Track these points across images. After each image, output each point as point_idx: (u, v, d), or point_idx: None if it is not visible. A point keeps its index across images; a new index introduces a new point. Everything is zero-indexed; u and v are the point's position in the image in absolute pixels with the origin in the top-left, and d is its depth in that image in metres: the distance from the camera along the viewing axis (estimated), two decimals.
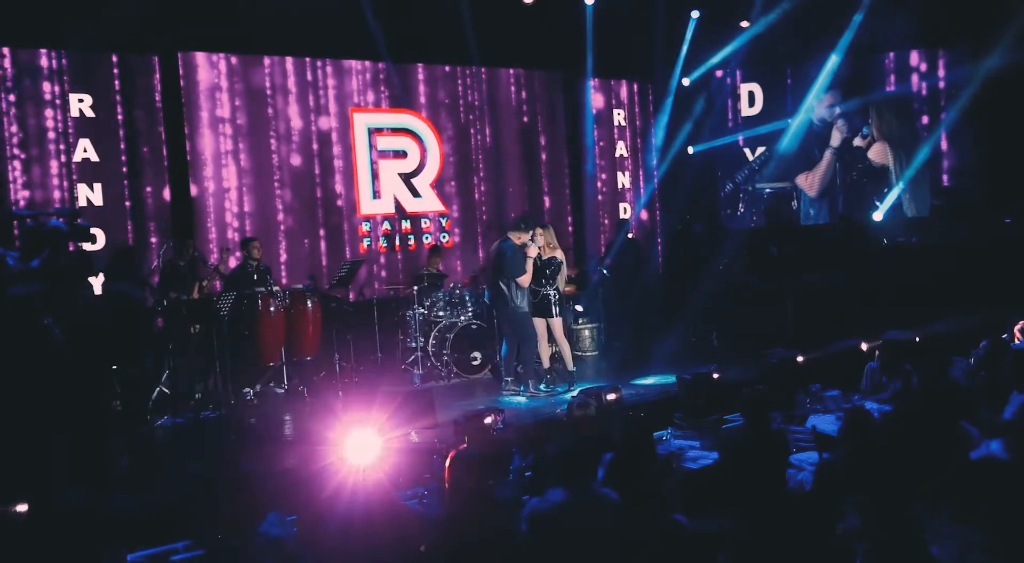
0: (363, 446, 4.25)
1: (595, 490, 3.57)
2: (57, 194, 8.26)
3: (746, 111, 12.34)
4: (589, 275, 10.76)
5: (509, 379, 7.68)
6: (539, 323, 7.74)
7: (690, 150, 12.25)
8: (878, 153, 11.88)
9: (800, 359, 7.04)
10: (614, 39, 11.02)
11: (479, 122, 10.84)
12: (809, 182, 11.97)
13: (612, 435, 4.51)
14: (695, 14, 11.38)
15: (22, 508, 4.24)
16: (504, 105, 11.05)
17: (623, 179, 12.07)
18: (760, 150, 12.23)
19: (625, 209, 12.08)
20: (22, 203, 8.10)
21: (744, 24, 11.48)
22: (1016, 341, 6.32)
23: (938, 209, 11.41)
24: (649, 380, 7.81)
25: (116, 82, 8.55)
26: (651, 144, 12.03)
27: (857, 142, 11.97)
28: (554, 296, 7.65)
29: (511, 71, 11.05)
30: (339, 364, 8.45)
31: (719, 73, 12.30)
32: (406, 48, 9.90)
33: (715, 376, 6.60)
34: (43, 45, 8.16)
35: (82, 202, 8.36)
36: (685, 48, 11.47)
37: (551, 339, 7.83)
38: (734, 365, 7.67)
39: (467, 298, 8.86)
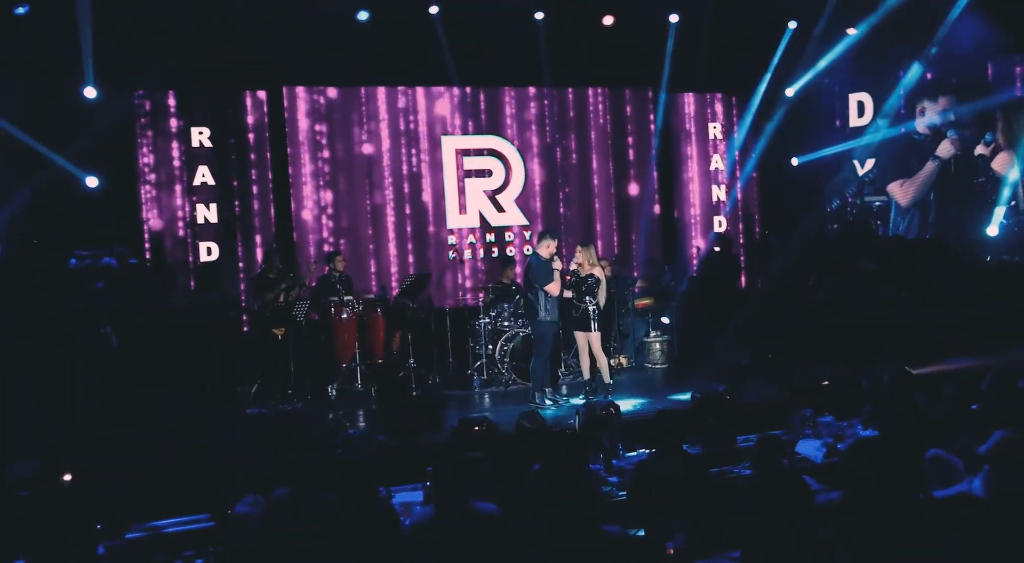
0: None
1: (466, 503, 3.93)
2: (180, 213, 9.71)
3: (855, 121, 11.88)
4: (675, 289, 10.91)
5: (548, 390, 8.12)
6: (580, 337, 8.15)
7: (794, 161, 11.99)
8: (1002, 163, 11.06)
9: (826, 383, 6.95)
10: (710, 53, 11.09)
11: (565, 140, 11.29)
12: (904, 191, 11.35)
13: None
14: (792, 24, 11.18)
15: (67, 478, 5.30)
16: (591, 123, 11.42)
17: (718, 192, 12.05)
18: (870, 162, 11.74)
19: (720, 222, 12.05)
20: (152, 221, 9.60)
21: (851, 31, 11.13)
22: None
23: None
24: (686, 396, 7.93)
25: (230, 116, 9.87)
26: (739, 156, 11.94)
27: (980, 149, 11.20)
28: (593, 311, 7.99)
29: (598, 90, 11.41)
30: (412, 368, 9.26)
31: (826, 82, 11.94)
32: (493, 74, 10.62)
33: (727, 397, 6.69)
34: (171, 87, 9.60)
35: (200, 220, 9.76)
36: (777, 59, 11.29)
37: (591, 351, 8.17)
38: (767, 384, 7.67)
39: None
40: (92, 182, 8.62)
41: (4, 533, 4.49)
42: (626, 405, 7.59)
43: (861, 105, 11.82)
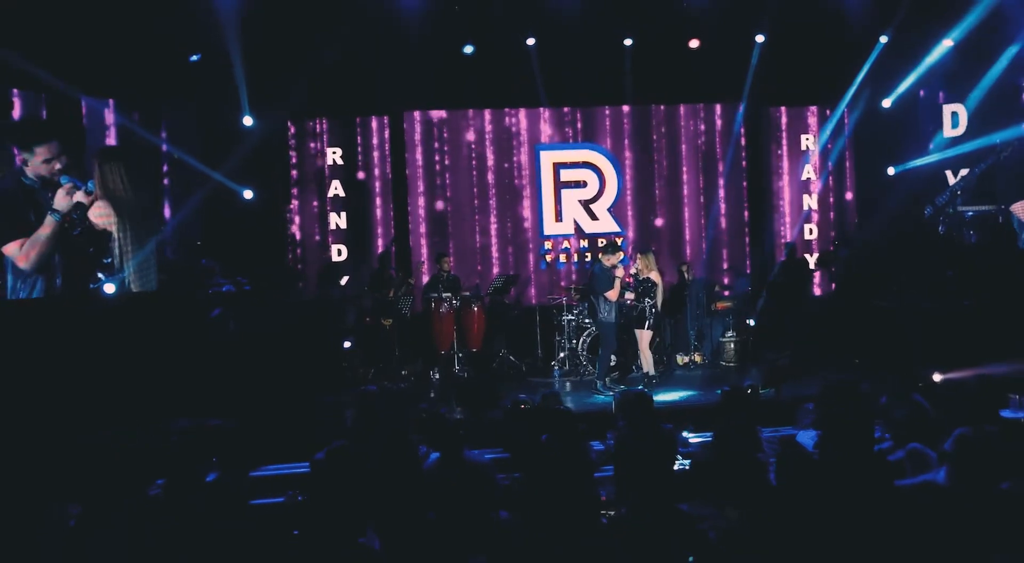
0: None
1: (461, 455, 5.19)
2: (316, 220, 11.54)
3: (948, 132, 11.97)
4: (753, 293, 11.61)
5: (608, 379, 9.22)
6: (637, 333, 9.20)
7: (891, 171, 12.26)
8: None
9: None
10: (802, 67, 11.64)
11: (657, 153, 12.21)
12: None
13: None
14: (883, 38, 11.50)
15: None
16: (683, 137, 12.26)
17: (809, 201, 12.53)
18: (963, 172, 11.81)
19: (811, 230, 12.53)
20: (295, 227, 11.50)
21: (947, 42, 11.33)
22: None
23: None
24: None
25: (358, 138, 11.60)
26: (831, 167, 12.36)
27: None
28: (648, 310, 9.01)
29: (691, 106, 12.23)
30: (507, 358, 10.62)
31: (922, 93, 12.12)
32: (587, 95, 11.74)
33: (749, 391, 7.53)
34: (312, 115, 11.45)
35: (332, 226, 11.56)
36: (865, 71, 11.63)
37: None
38: (804, 383, 8.38)
39: None
40: (248, 195, 10.50)
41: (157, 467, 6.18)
42: (671, 396, 8.59)
43: (955, 116, 11.90)
